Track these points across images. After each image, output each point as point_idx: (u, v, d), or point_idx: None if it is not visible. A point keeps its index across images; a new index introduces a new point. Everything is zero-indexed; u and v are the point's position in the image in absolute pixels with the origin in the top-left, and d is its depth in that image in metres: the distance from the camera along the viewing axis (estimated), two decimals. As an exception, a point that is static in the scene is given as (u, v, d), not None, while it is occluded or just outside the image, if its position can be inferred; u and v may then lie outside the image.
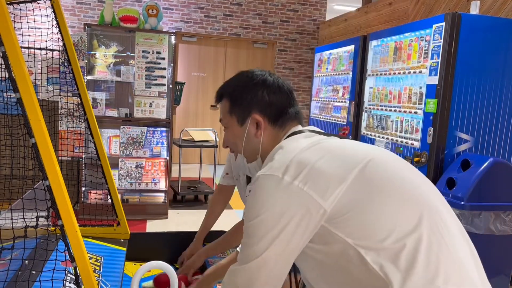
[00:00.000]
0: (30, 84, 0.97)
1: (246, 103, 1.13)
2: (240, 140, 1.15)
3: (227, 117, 1.17)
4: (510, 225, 2.68)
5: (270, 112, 1.13)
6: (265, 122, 1.12)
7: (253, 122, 1.13)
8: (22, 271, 1.23)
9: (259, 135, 1.13)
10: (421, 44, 3.22)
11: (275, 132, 1.14)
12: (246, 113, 1.13)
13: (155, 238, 1.99)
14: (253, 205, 0.96)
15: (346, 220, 0.91)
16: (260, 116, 1.12)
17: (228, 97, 1.17)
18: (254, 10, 7.49)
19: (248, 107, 1.13)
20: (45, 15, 1.75)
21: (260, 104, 1.12)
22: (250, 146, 1.15)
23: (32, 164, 0.99)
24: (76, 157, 4.21)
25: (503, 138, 3.07)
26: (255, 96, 1.13)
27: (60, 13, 1.76)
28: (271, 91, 1.13)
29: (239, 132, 1.15)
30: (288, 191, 0.93)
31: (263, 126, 1.12)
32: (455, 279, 0.89)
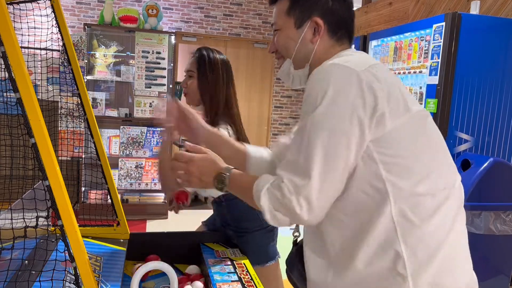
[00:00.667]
0: (30, 84, 0.96)
1: (308, 5, 1.07)
2: (293, 43, 1.09)
3: (283, 18, 1.10)
4: (510, 225, 2.68)
5: (332, 20, 1.08)
6: (324, 29, 1.07)
7: (312, 26, 1.07)
8: (22, 271, 1.23)
9: (315, 41, 1.08)
10: (421, 44, 3.22)
11: (331, 43, 1.09)
12: (307, 15, 1.07)
13: (155, 238, 1.99)
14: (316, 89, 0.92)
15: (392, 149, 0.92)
16: (322, 20, 1.07)
17: None
18: (254, 10, 7.49)
19: (310, 9, 1.07)
20: (45, 15, 1.75)
21: (323, 8, 1.07)
22: (302, 52, 1.09)
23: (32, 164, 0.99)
24: (76, 157, 4.21)
25: (503, 138, 3.07)
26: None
27: (60, 13, 1.76)
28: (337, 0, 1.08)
29: (295, 34, 1.09)
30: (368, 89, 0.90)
31: (322, 33, 1.07)
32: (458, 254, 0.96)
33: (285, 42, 1.11)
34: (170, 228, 4.28)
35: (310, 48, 1.08)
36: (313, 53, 1.08)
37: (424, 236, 0.91)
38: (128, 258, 1.78)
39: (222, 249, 1.84)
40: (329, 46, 1.09)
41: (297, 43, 1.08)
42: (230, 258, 1.75)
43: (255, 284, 1.53)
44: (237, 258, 1.75)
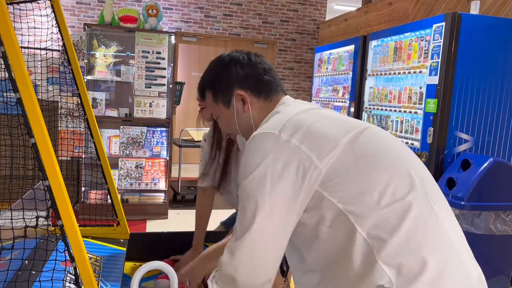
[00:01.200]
0: (30, 84, 0.96)
1: (225, 84, 1.15)
2: (233, 122, 1.17)
3: (214, 107, 1.19)
4: (510, 225, 2.68)
5: (250, 84, 1.14)
6: (248, 95, 1.13)
7: (238, 99, 1.14)
8: (22, 271, 1.23)
9: (246, 109, 1.14)
10: (421, 44, 3.22)
11: (263, 104, 1.15)
12: (229, 93, 1.14)
13: (155, 238, 1.99)
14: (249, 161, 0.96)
15: (338, 183, 0.92)
16: (242, 90, 1.13)
17: (208, 87, 1.19)
18: (254, 10, 7.49)
19: (228, 87, 1.14)
20: (45, 15, 1.75)
21: (237, 79, 1.14)
22: (244, 124, 1.16)
23: (32, 164, 0.99)
24: (76, 157, 4.21)
25: (503, 138, 3.07)
26: (230, 75, 1.14)
27: (60, 13, 1.76)
28: (243, 65, 1.15)
29: (229, 114, 1.16)
30: (285, 147, 0.94)
31: (249, 100, 1.13)
32: (442, 252, 0.91)
33: (227, 124, 1.20)
34: (170, 228, 4.28)
35: (247, 117, 1.15)
36: (251, 120, 1.15)
37: (401, 248, 0.88)
38: (128, 258, 1.78)
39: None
40: (262, 108, 1.14)
41: (235, 119, 1.16)
42: (230, 258, 1.74)
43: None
44: (237, 258, 1.75)
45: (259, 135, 0.98)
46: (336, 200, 0.91)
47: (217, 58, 1.21)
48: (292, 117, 1.00)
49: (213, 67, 1.21)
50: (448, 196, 2.73)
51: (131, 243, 1.88)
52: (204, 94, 1.21)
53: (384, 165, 0.96)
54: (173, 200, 5.15)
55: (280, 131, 0.96)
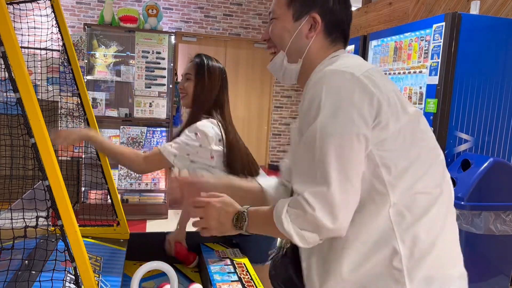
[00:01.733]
0: (30, 84, 0.96)
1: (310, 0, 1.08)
2: (289, 35, 1.09)
3: (282, 8, 1.11)
4: (510, 225, 2.68)
5: (329, 19, 1.08)
6: (321, 27, 1.08)
7: (309, 22, 1.08)
8: (21, 271, 1.23)
9: (310, 37, 1.08)
10: (421, 44, 3.22)
11: (325, 43, 1.09)
12: (306, 9, 1.08)
13: (155, 238, 1.99)
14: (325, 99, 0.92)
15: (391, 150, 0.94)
16: (320, 18, 1.07)
17: None
18: (254, 10, 7.49)
19: (310, 4, 1.07)
20: (45, 15, 1.75)
21: (323, 7, 1.08)
22: (296, 46, 1.10)
23: (32, 164, 0.99)
24: (76, 157, 4.21)
25: (503, 138, 3.07)
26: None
27: (60, 13, 1.76)
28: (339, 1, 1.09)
29: (291, 26, 1.09)
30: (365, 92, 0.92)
31: (318, 30, 1.08)
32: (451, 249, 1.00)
33: (281, 32, 1.11)
34: (170, 228, 4.27)
35: (304, 43, 1.08)
36: (307, 48, 1.09)
37: (420, 233, 0.94)
38: (128, 258, 1.78)
39: (222, 249, 1.84)
40: (323, 46, 1.09)
41: (293, 35, 1.09)
42: (230, 258, 1.75)
43: (255, 284, 1.53)
44: (237, 258, 1.75)
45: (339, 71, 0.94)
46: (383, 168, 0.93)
47: None
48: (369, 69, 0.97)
49: None
50: (448, 196, 2.73)
51: (131, 243, 1.88)
52: None
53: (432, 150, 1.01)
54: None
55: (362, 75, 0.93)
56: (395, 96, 0.96)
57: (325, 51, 1.09)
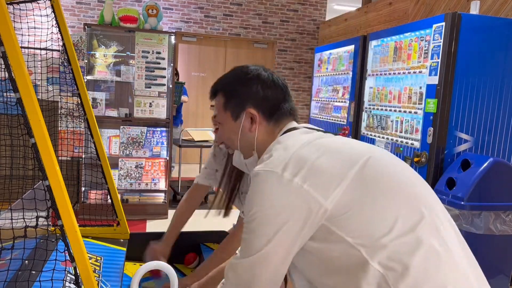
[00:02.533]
0: (30, 84, 0.96)
1: (241, 98, 1.13)
2: (235, 135, 1.15)
3: (221, 113, 1.16)
4: (510, 225, 2.68)
5: (265, 107, 1.12)
6: (259, 117, 1.12)
7: (248, 117, 1.12)
8: (22, 271, 1.23)
9: (253, 130, 1.12)
10: (421, 44, 3.22)
11: (270, 127, 1.14)
12: (241, 107, 1.12)
13: (155, 238, 1.99)
14: (253, 201, 0.96)
15: (346, 218, 0.91)
16: (255, 111, 1.11)
17: (222, 92, 1.16)
18: (254, 10, 7.49)
19: (243, 102, 1.12)
20: (45, 15, 1.75)
21: (255, 98, 1.12)
22: (245, 142, 1.15)
23: (32, 164, 0.99)
24: (76, 157, 4.21)
25: (503, 138, 3.07)
26: (249, 91, 1.12)
27: (60, 13, 1.76)
28: (265, 86, 1.13)
29: (234, 127, 1.14)
30: (288, 189, 0.93)
31: (258, 121, 1.12)
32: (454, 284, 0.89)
33: (227, 134, 1.17)
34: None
35: (251, 136, 1.14)
36: (255, 140, 1.13)
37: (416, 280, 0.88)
38: (128, 258, 1.78)
39: (222, 249, 1.84)
40: (268, 131, 1.13)
41: (238, 134, 1.14)
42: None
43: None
44: (237, 258, 1.75)
45: (263, 172, 0.96)
46: (344, 234, 0.91)
47: (242, 68, 1.18)
48: (295, 152, 0.98)
49: (235, 75, 1.18)
50: (448, 196, 2.73)
51: (131, 243, 1.88)
52: (216, 95, 1.19)
53: (391, 195, 0.94)
54: (173, 200, 5.15)
55: (282, 170, 0.94)
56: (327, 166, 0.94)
57: (272, 134, 1.13)
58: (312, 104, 5.44)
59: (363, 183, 0.93)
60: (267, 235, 0.92)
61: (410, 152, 3.23)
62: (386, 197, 0.94)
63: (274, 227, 0.92)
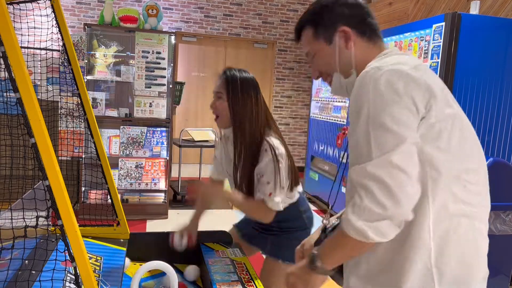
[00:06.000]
0: (30, 84, 0.96)
1: (330, 21, 1.13)
2: (333, 58, 1.14)
3: (313, 44, 1.16)
4: (510, 225, 2.68)
5: (354, 22, 1.13)
6: (353, 33, 1.12)
7: (341, 36, 1.12)
8: (22, 271, 1.23)
9: (349, 47, 1.12)
10: (421, 44, 3.22)
11: (365, 44, 1.13)
12: (332, 29, 1.13)
13: (155, 238, 1.99)
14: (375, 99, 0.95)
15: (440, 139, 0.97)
16: (347, 27, 1.12)
17: (309, 24, 1.17)
18: (254, 10, 7.49)
19: (332, 24, 1.13)
20: (45, 15, 1.75)
21: (343, 17, 1.12)
22: (344, 61, 1.14)
23: (32, 164, 0.99)
24: (76, 157, 4.21)
25: (503, 138, 3.07)
26: (335, 13, 1.13)
27: (60, 13, 1.76)
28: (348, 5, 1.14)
29: (330, 50, 1.14)
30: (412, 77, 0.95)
31: (352, 37, 1.12)
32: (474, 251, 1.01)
33: (325, 61, 1.16)
34: (170, 228, 4.27)
35: (348, 55, 1.12)
36: (353, 58, 1.12)
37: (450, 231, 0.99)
38: (128, 258, 1.78)
39: (222, 249, 1.85)
40: (365, 47, 1.13)
41: (336, 56, 1.13)
42: (230, 258, 1.75)
43: (255, 284, 1.53)
44: (237, 258, 1.76)
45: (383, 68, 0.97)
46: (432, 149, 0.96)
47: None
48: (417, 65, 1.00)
49: (316, 5, 1.17)
50: (448, 196, 2.72)
51: (131, 243, 1.88)
52: (301, 33, 1.19)
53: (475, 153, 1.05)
54: (173, 200, 5.15)
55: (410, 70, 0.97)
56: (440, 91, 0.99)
57: (370, 51, 1.13)
58: (312, 104, 5.44)
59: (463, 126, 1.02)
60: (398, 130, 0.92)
61: (410, 152, 3.23)
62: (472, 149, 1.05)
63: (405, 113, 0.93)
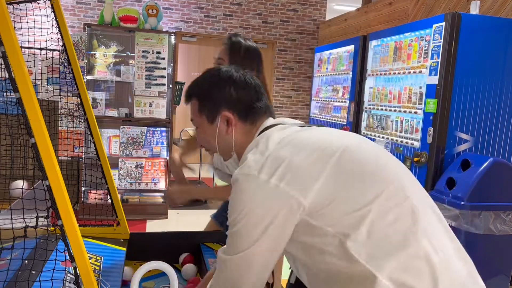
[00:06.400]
0: (30, 84, 0.96)
1: (214, 101, 1.13)
2: (213, 139, 1.15)
3: (197, 117, 1.17)
4: (510, 225, 2.68)
5: (239, 108, 1.12)
6: (235, 119, 1.12)
7: (223, 120, 1.12)
8: (22, 271, 1.23)
9: (230, 132, 1.13)
10: (421, 44, 3.22)
11: (247, 128, 1.14)
12: (215, 111, 1.12)
13: (155, 238, 1.99)
14: (234, 206, 0.97)
15: (327, 211, 0.93)
16: (230, 113, 1.11)
17: (196, 96, 1.16)
18: (254, 10, 7.49)
19: (217, 105, 1.12)
20: (45, 15, 1.75)
21: (228, 101, 1.12)
22: (224, 144, 1.15)
23: (32, 164, 0.99)
24: (76, 157, 4.21)
25: (503, 138, 3.07)
26: (222, 93, 1.12)
27: (60, 13, 1.76)
28: (238, 87, 1.13)
29: (211, 130, 1.15)
30: (266, 190, 0.94)
31: (234, 123, 1.12)
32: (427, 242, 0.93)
33: (206, 138, 1.18)
34: (170, 228, 4.28)
35: (228, 139, 1.14)
36: (233, 142, 1.14)
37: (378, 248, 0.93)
38: (128, 258, 1.78)
39: (222, 249, 1.84)
40: (246, 132, 1.13)
41: (215, 137, 1.14)
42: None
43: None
44: (237, 258, 1.75)
45: (241, 176, 0.98)
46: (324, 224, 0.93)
47: (215, 70, 1.18)
48: (271, 153, 0.99)
49: (207, 79, 1.17)
50: (448, 196, 2.73)
51: (131, 243, 1.88)
52: (190, 99, 1.18)
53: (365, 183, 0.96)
54: (173, 200, 5.15)
55: (259, 172, 0.95)
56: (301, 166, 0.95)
57: (250, 134, 1.13)
58: (312, 104, 5.44)
59: (340, 177, 0.95)
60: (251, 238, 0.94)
61: (410, 152, 3.23)
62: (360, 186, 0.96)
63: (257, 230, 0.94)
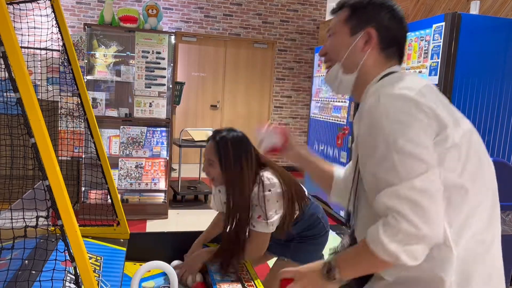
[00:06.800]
0: (30, 84, 0.96)
1: (366, 17, 1.12)
2: (345, 48, 1.13)
3: (339, 25, 1.15)
4: (510, 225, 2.68)
5: (385, 35, 1.11)
6: (375, 42, 1.11)
7: (365, 37, 1.11)
8: (22, 271, 1.23)
9: (365, 50, 1.11)
10: (421, 44, 3.22)
11: (380, 58, 1.12)
12: (362, 25, 1.11)
13: (155, 238, 1.99)
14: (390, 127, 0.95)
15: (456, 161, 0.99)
16: (375, 32, 1.11)
17: (349, 7, 1.15)
18: (254, 10, 7.49)
19: (366, 20, 1.11)
20: (45, 15, 1.75)
21: (379, 23, 1.11)
22: (352, 59, 1.13)
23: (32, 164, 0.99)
24: (76, 157, 4.21)
25: (503, 138, 3.07)
26: (377, 14, 1.11)
27: (60, 13, 1.76)
28: (393, 17, 1.12)
29: (347, 41, 1.13)
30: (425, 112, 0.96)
31: (372, 45, 1.11)
32: None
33: (337, 46, 1.16)
34: (170, 228, 4.28)
35: (359, 56, 1.12)
36: (362, 61, 1.12)
37: None
38: (128, 258, 1.78)
39: (222, 249, 1.84)
40: (378, 60, 1.12)
41: (348, 49, 1.13)
42: (230, 258, 1.74)
43: (255, 284, 1.53)
44: (237, 258, 1.75)
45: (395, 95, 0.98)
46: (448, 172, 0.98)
47: None
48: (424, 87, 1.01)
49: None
50: (448, 196, 2.72)
51: (131, 243, 1.88)
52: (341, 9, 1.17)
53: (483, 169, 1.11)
54: (173, 200, 5.15)
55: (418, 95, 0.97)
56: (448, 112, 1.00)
57: (380, 65, 1.12)
58: (312, 104, 5.44)
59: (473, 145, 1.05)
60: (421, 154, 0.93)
61: (410, 152, 3.23)
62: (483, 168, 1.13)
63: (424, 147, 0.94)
